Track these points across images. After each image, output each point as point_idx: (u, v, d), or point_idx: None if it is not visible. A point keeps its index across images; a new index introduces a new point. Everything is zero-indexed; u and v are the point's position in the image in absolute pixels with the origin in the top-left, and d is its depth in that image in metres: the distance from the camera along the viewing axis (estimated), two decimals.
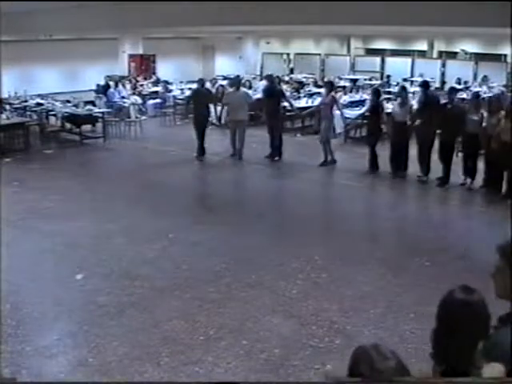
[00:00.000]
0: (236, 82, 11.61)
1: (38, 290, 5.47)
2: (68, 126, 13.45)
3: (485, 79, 18.59)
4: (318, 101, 13.44)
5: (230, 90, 12.04)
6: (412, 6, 9.19)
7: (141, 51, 21.05)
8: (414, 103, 10.48)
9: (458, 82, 18.34)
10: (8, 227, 6.82)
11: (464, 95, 14.21)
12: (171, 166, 10.98)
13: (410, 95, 11.52)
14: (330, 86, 11.03)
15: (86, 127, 13.52)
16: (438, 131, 9.31)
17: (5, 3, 11.88)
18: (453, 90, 10.13)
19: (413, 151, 9.80)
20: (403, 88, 10.88)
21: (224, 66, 24.70)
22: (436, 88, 16.21)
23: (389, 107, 10.80)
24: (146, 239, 6.85)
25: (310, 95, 14.88)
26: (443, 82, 18.38)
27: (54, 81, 20.22)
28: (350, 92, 15.53)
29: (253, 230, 7.30)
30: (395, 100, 10.78)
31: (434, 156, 9.44)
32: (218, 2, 11.19)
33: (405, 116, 9.73)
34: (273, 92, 11.45)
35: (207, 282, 5.65)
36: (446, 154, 9.18)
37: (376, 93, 10.47)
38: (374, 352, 1.62)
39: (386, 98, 12.08)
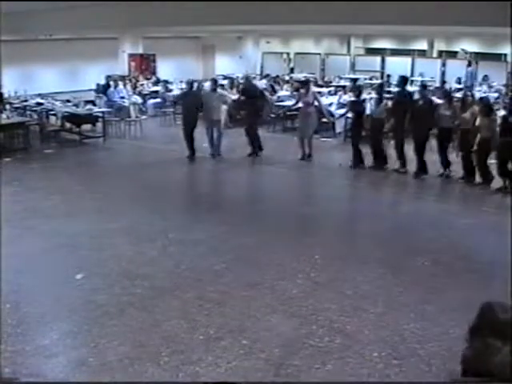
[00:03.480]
0: (212, 82, 11.68)
1: (38, 289, 5.47)
2: (68, 125, 13.44)
3: (485, 79, 18.60)
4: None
5: (207, 90, 12.08)
6: (412, 5, 9.19)
7: (141, 51, 21.08)
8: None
9: (458, 81, 18.35)
10: (8, 227, 6.82)
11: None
12: (171, 166, 10.98)
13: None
14: (308, 84, 11.60)
15: (86, 127, 13.52)
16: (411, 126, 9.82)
17: (5, 3, 11.89)
18: (423, 87, 10.60)
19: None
20: (380, 85, 11.26)
21: (224, 65, 24.72)
22: (436, 87, 16.21)
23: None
24: (146, 239, 6.85)
25: (318, 95, 14.86)
26: (443, 82, 18.36)
27: (54, 80, 20.24)
28: (351, 91, 15.50)
29: (252, 229, 7.31)
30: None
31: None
32: (218, 1, 11.20)
33: (381, 113, 10.14)
34: (251, 92, 11.62)
35: (207, 282, 5.65)
36: (419, 147, 9.69)
37: (357, 90, 10.87)
38: (496, 306, 1.72)
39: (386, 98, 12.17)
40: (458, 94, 14.19)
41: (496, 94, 15.46)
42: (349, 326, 4.80)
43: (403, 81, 10.48)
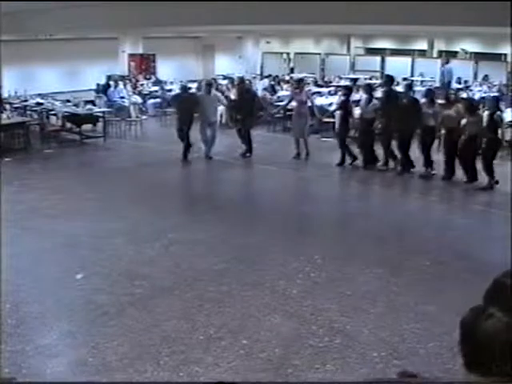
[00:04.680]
0: (207, 84, 11.72)
1: (38, 289, 5.47)
2: (68, 125, 13.44)
3: (485, 78, 18.59)
4: (318, 100, 13.57)
5: (202, 92, 12.06)
6: (412, 5, 9.19)
7: (141, 51, 21.07)
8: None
9: (459, 81, 18.33)
10: (8, 227, 6.81)
11: (464, 95, 14.20)
12: (171, 166, 10.98)
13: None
14: (301, 84, 11.72)
15: (87, 127, 13.52)
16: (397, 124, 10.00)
17: (5, 3, 11.89)
18: (408, 86, 10.87)
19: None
20: (369, 85, 11.45)
21: (224, 65, 24.70)
22: (436, 87, 16.20)
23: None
24: (146, 239, 6.85)
25: (310, 95, 14.85)
26: (443, 82, 18.36)
27: (54, 80, 20.23)
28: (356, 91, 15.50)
29: (253, 229, 7.31)
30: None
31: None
32: (218, 2, 11.20)
33: (371, 112, 10.30)
34: (244, 92, 11.75)
35: (207, 282, 5.66)
36: (403, 145, 9.92)
37: (349, 90, 11.16)
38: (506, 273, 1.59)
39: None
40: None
41: (497, 94, 15.42)
42: (349, 326, 4.80)
43: (390, 80, 10.68)
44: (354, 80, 19.22)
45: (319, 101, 13.82)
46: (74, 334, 4.67)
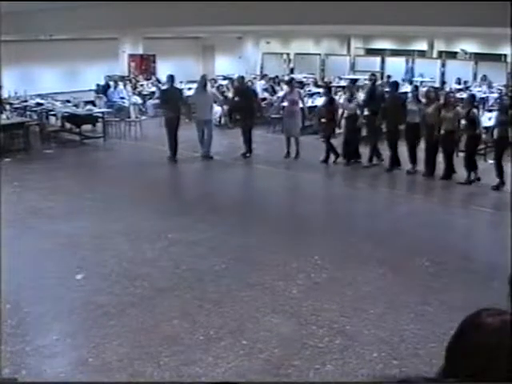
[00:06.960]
0: (202, 81, 11.60)
1: (38, 290, 5.47)
2: (68, 125, 13.44)
3: (484, 78, 18.59)
4: (319, 101, 13.59)
5: (198, 89, 12.00)
6: (412, 5, 9.20)
7: (141, 51, 21.06)
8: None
9: (458, 81, 18.33)
10: (8, 227, 6.81)
11: (464, 95, 14.19)
12: (171, 166, 10.98)
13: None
14: (293, 83, 11.84)
15: (86, 127, 13.52)
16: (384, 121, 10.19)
17: (5, 3, 11.89)
18: (394, 84, 10.92)
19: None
20: (352, 82, 11.45)
21: (224, 65, 24.69)
22: (436, 88, 16.20)
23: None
24: (146, 239, 6.85)
25: (311, 95, 14.87)
26: (443, 82, 18.34)
27: (53, 81, 20.21)
28: (346, 92, 15.51)
29: (252, 229, 7.30)
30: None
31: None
32: (218, 2, 11.20)
33: (354, 109, 10.51)
34: (244, 92, 11.75)
35: (207, 282, 5.66)
36: (390, 141, 10.11)
37: (328, 90, 11.44)
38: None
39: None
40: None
41: (496, 95, 15.43)
42: (349, 326, 4.80)
43: (374, 77, 10.84)
44: (354, 80, 19.21)
45: (319, 101, 13.82)
46: (74, 334, 4.67)
